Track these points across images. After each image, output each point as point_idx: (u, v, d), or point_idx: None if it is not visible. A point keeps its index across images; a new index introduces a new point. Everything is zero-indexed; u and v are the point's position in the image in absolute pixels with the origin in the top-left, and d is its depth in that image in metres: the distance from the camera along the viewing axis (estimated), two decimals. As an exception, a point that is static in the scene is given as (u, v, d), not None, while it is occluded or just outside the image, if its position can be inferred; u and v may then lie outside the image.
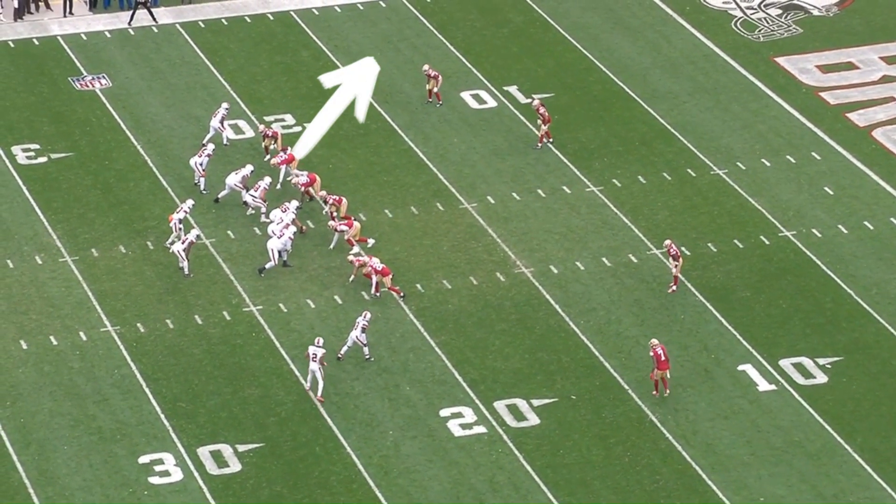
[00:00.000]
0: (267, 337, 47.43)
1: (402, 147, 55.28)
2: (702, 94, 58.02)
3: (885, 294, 49.02)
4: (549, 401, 45.37)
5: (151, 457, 43.47)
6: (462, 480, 42.92)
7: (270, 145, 53.83)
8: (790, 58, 59.91)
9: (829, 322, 48.03)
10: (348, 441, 44.03)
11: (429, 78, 56.80)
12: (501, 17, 62.43)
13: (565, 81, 58.62)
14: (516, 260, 50.35)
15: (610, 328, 47.73)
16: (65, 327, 47.64)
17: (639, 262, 50.24)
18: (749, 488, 42.71)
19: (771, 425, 44.59)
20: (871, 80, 58.68)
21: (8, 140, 55.52)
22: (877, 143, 55.55)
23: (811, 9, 62.66)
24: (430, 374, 46.20)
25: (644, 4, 62.94)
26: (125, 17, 61.84)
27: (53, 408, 44.97)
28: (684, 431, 44.35)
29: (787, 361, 46.62)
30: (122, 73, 59.05)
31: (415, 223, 51.75)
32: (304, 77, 59.08)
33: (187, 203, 50.14)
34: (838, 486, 42.82)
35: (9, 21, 61.65)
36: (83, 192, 52.94)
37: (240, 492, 42.50)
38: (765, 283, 49.46)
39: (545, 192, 53.22)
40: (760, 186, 53.43)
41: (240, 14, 62.53)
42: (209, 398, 45.38)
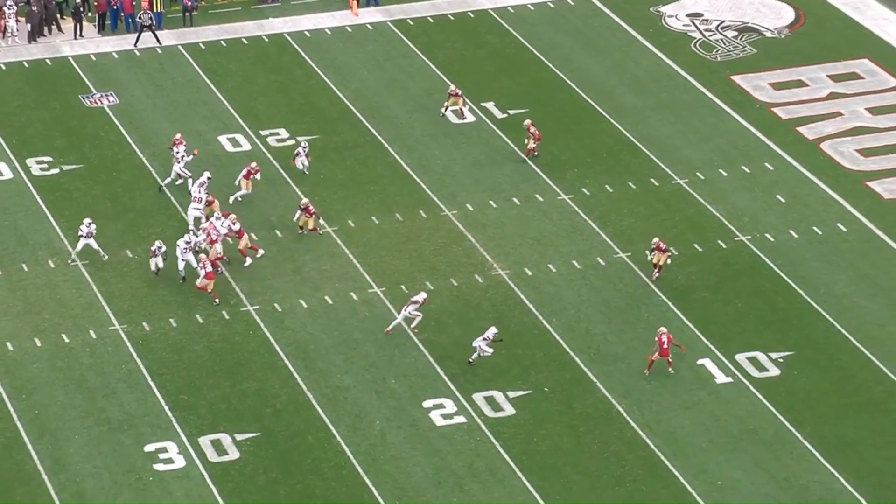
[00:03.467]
0: (263, 334, 47.42)
1: (388, 159, 55.30)
2: (664, 110, 58.11)
3: (832, 294, 49.13)
4: (523, 393, 45.41)
5: (156, 445, 43.45)
6: (443, 466, 42.96)
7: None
8: (745, 76, 60.01)
9: (781, 319, 48.14)
10: (338, 430, 44.04)
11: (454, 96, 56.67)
12: (479, 39, 62.49)
13: (538, 98, 58.68)
14: (493, 263, 50.38)
15: (579, 326, 47.78)
16: (76, 326, 47.60)
17: (606, 265, 50.29)
18: (708, 473, 42.79)
19: (728, 415, 44.67)
20: (820, 96, 58.79)
21: (23, 153, 55.46)
22: (825, 155, 55.66)
23: (764, 31, 62.79)
24: (414, 368, 46.22)
25: (611, 27, 63.03)
26: (131, 39, 61.82)
27: (65, 400, 44.94)
28: (648, 421, 44.41)
29: (742, 356, 46.71)
30: (128, 91, 59.02)
31: (400, 229, 51.77)
32: (296, 94, 59.10)
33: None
34: (789, 470, 42.92)
35: (23, 43, 61.61)
36: (92, 201, 52.90)
37: (238, 478, 42.50)
38: (722, 283, 49.55)
39: (520, 200, 53.26)
40: (718, 195, 53.52)
41: (237, 36, 62.53)
42: (209, 391, 45.37)
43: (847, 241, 51.50)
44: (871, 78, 59.77)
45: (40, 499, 41.80)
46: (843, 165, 55.10)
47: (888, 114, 57.67)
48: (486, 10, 63.88)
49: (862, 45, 61.66)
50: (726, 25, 63.13)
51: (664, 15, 63.75)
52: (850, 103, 58.25)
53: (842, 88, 59.10)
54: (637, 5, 64.12)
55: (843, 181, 54.22)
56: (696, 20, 63.45)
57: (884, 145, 56.04)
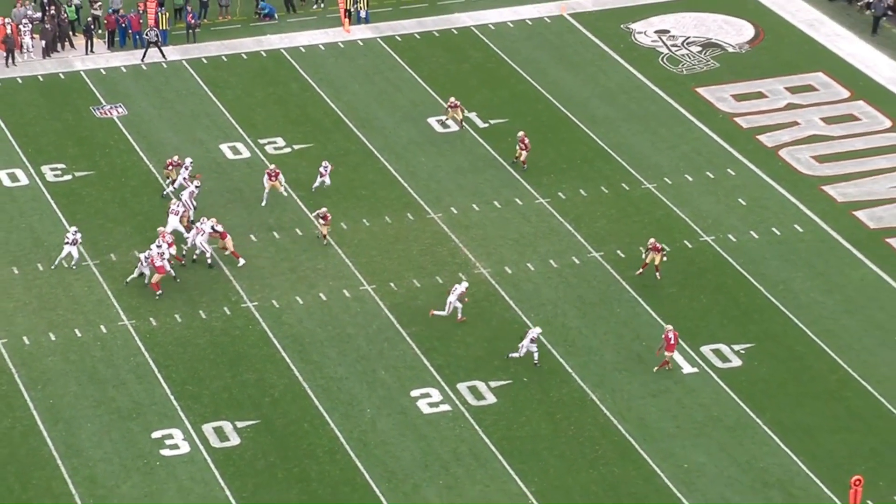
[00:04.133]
0: (262, 329, 47.38)
1: (377, 166, 55.28)
2: (634, 120, 58.16)
3: (789, 290, 49.21)
4: (504, 382, 45.42)
5: (163, 432, 43.41)
6: (430, 451, 42.95)
7: (173, 174, 52.84)
8: (709, 88, 60.08)
9: (743, 314, 48.20)
10: (332, 418, 44.02)
11: (454, 108, 56.61)
12: (462, 53, 62.50)
13: (518, 109, 58.70)
14: (476, 262, 50.39)
15: (556, 320, 47.80)
16: (87, 321, 47.54)
17: (581, 264, 50.32)
18: (675, 456, 42.83)
19: (693, 403, 44.71)
20: (778, 107, 58.87)
21: (38, 161, 55.38)
22: (783, 161, 55.75)
23: (726, 46, 62.88)
24: (402, 360, 46.21)
25: (584, 43, 63.07)
26: (139, 55, 61.75)
27: (78, 391, 44.89)
28: (620, 408, 44.45)
29: (707, 348, 46.75)
30: (136, 103, 58.95)
31: (388, 231, 51.76)
32: (293, 105, 59.07)
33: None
34: (750, 453, 42.97)
35: (38, 58, 61.53)
36: (103, 206, 52.83)
37: (239, 462, 42.48)
38: (688, 281, 49.60)
39: (500, 203, 53.27)
40: (684, 198, 53.57)
41: (237, 51, 62.49)
42: (212, 381, 45.33)
43: (803, 241, 51.58)
44: (826, 90, 59.87)
45: (55, 482, 41.77)
46: (799, 171, 55.18)
47: (841, 123, 57.77)
48: (468, 27, 63.90)
49: (817, 60, 61.75)
50: (691, 41, 63.21)
51: (634, 31, 63.80)
52: (805, 113, 58.34)
53: (798, 100, 59.19)
54: (608, 22, 64.17)
55: (800, 186, 54.30)
56: (663, 36, 63.52)
57: (837, 152, 56.13)
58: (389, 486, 41.78)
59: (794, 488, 41.92)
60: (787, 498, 41.64)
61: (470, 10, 64.94)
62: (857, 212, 52.91)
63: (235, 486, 41.75)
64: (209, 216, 50.56)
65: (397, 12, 64.82)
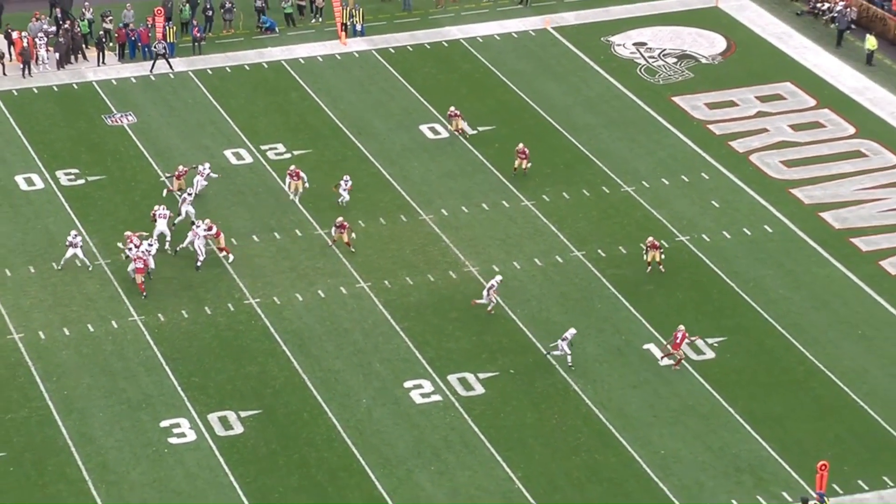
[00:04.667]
0: (263, 324, 47.38)
1: (372, 170, 55.28)
2: (614, 127, 58.20)
3: (760, 287, 49.28)
4: (492, 374, 45.45)
5: (170, 421, 43.41)
6: (422, 439, 42.97)
7: (182, 184, 52.53)
8: (684, 97, 60.14)
9: (716, 309, 48.25)
10: (330, 408, 44.03)
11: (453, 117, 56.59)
12: (452, 64, 62.52)
13: (504, 117, 58.73)
14: (465, 261, 50.41)
15: (541, 316, 47.83)
16: (100, 317, 47.53)
17: (564, 263, 50.35)
18: (652, 444, 42.89)
19: (669, 393, 44.76)
20: (748, 115, 58.95)
21: (53, 166, 55.35)
22: (753, 166, 55.81)
23: (700, 58, 62.94)
24: (396, 353, 46.23)
25: (567, 54, 63.11)
26: (147, 66, 61.72)
27: (91, 382, 44.89)
28: (601, 398, 44.49)
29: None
30: (145, 112, 58.92)
31: (383, 231, 51.78)
32: (293, 113, 59.07)
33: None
34: (723, 440, 43.03)
35: (53, 70, 61.50)
36: (114, 208, 52.80)
37: (242, 449, 42.49)
38: (665, 278, 49.64)
39: (488, 206, 53.29)
40: (661, 201, 53.62)
41: (240, 63, 62.47)
42: (217, 374, 45.33)
43: (773, 241, 51.65)
44: (793, 99, 59.94)
45: (69, 468, 41.76)
46: (769, 175, 55.25)
47: (808, 130, 57.85)
48: (458, 40, 63.93)
49: (785, 70, 61.83)
50: (667, 53, 63.27)
51: (613, 44, 63.85)
52: (774, 121, 58.41)
53: (768, 108, 59.26)
54: (589, 35, 64.21)
55: (769, 189, 54.37)
56: (641, 48, 63.58)
57: (804, 157, 56.20)
58: (384, 472, 41.81)
59: (765, 473, 41.99)
60: (758, 482, 41.70)
61: (459, 23, 64.97)
62: (823, 213, 52.99)
63: (239, 472, 41.76)
64: (206, 218, 50.52)
65: (391, 26, 64.83)
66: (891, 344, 46.70)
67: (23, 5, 65.20)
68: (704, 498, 41.17)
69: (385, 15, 65.54)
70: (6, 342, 46.41)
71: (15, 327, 47.02)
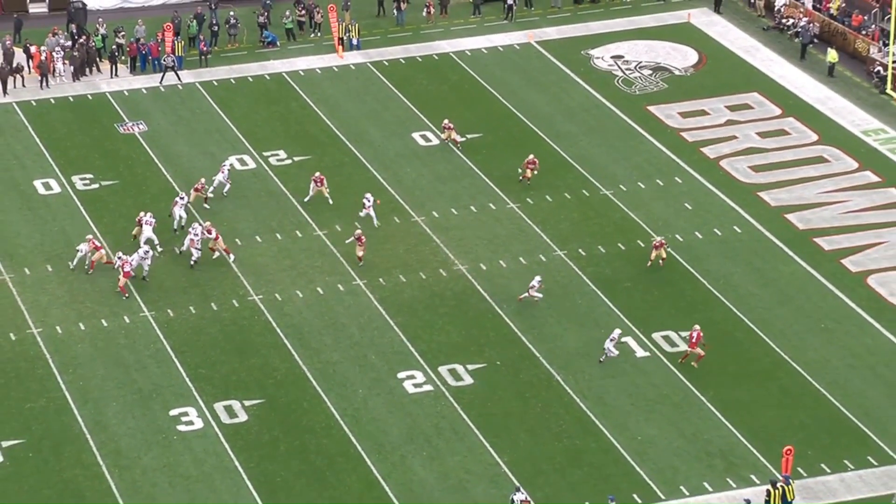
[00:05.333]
0: (266, 319, 47.28)
1: (367, 175, 55.17)
2: (593, 134, 58.15)
3: (729, 284, 49.24)
4: (480, 366, 45.37)
5: (179, 410, 43.32)
6: (415, 426, 42.90)
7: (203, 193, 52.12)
8: (658, 106, 60.09)
9: (689, 305, 48.21)
10: (328, 398, 43.95)
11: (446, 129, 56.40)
12: (442, 76, 62.44)
13: (491, 125, 58.65)
14: (454, 260, 50.33)
15: (525, 311, 47.74)
16: (113, 313, 47.40)
17: (547, 261, 50.29)
18: (629, 430, 42.85)
19: (645, 383, 44.72)
20: (719, 123, 58.92)
21: (69, 171, 55.22)
22: (723, 171, 55.78)
23: (674, 70, 62.91)
24: (390, 346, 46.14)
25: (549, 67, 63.05)
26: (157, 78, 61.58)
27: (105, 374, 44.78)
28: (581, 388, 44.44)
29: (657, 334, 46.75)
30: (155, 120, 58.79)
31: (378, 232, 51.66)
32: (293, 122, 58.97)
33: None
34: (695, 427, 42.99)
35: (69, 82, 61.37)
36: (126, 211, 52.63)
37: (246, 436, 42.40)
38: (641, 276, 49.60)
39: (476, 208, 53.22)
40: (637, 203, 53.57)
41: (244, 75, 62.35)
42: (223, 365, 45.23)
43: (741, 240, 51.62)
44: (760, 108, 59.92)
45: (84, 454, 41.67)
46: (738, 179, 55.22)
47: (774, 137, 57.83)
48: (447, 53, 63.85)
49: (753, 82, 61.80)
50: (643, 65, 63.23)
51: (592, 57, 63.81)
52: (743, 129, 58.38)
53: (736, 116, 59.24)
54: (570, 49, 64.17)
55: (738, 192, 54.33)
56: (618, 61, 63.53)
57: (770, 163, 56.18)
58: (379, 458, 41.73)
59: (734, 457, 41.96)
60: (728, 466, 41.67)
61: (449, 38, 64.90)
62: (788, 215, 52.97)
63: (243, 457, 41.67)
64: (210, 220, 50.41)
65: (385, 40, 64.73)
66: (851, 336, 46.70)
67: (41, 21, 65.04)
68: (678, 481, 41.12)
69: (379, 30, 65.47)
70: (25, 336, 46.27)
71: (34, 322, 46.88)
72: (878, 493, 40.74)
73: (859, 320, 47.37)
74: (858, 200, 53.61)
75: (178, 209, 51.04)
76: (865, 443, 42.41)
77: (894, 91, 60.45)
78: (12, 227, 51.72)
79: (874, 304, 48.03)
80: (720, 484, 41.07)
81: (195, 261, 49.14)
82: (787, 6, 65.89)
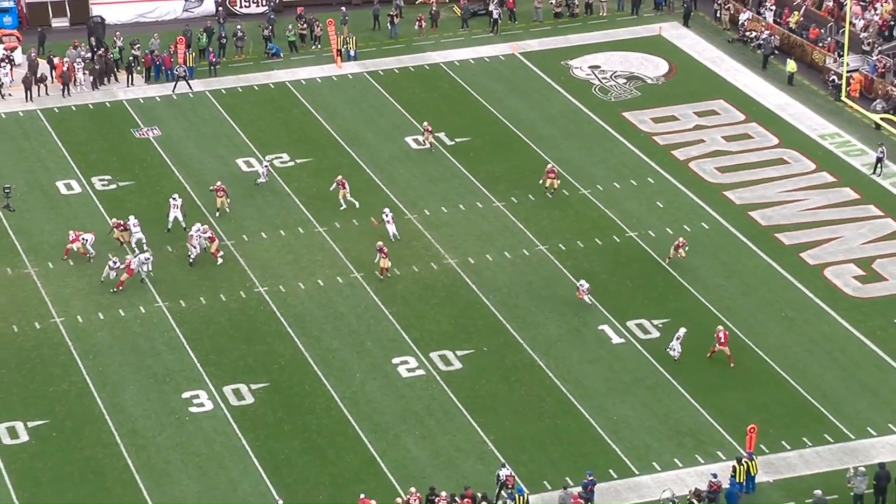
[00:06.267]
0: (271, 309, 47.17)
1: (364, 176, 55.03)
2: (573, 138, 58.05)
3: (698, 276, 49.18)
4: (468, 352, 45.31)
5: (191, 393, 43.24)
6: (408, 408, 42.84)
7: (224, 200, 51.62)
8: (632, 112, 60.01)
9: (661, 295, 48.15)
10: (328, 381, 43.86)
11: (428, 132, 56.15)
12: (433, 84, 62.31)
13: (478, 130, 58.54)
14: (445, 254, 50.24)
15: (510, 301, 47.68)
16: (129, 304, 47.26)
17: (530, 255, 50.21)
18: (606, 411, 42.81)
19: (621, 367, 44.69)
20: (688, 127, 58.85)
21: (89, 173, 55.05)
22: (692, 172, 55.72)
23: (646, 79, 62.83)
24: (385, 334, 46.05)
25: (532, 76, 62.94)
26: (170, 87, 61.39)
27: (122, 360, 44.66)
28: (562, 372, 44.39)
29: (632, 322, 46.69)
30: (168, 126, 58.60)
31: (374, 229, 51.54)
32: (295, 127, 58.81)
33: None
34: (668, 408, 42.98)
35: (89, 90, 61.18)
36: (141, 210, 52.39)
37: (253, 417, 42.33)
38: (617, 268, 49.55)
39: (465, 206, 53.12)
40: (613, 202, 53.50)
41: (250, 83, 62.17)
42: (231, 352, 45.12)
43: (709, 236, 51.57)
44: (726, 114, 59.86)
45: (103, 434, 41.60)
46: (705, 179, 55.17)
47: (738, 141, 57.77)
48: (438, 63, 63.71)
49: (719, 90, 61.72)
50: (618, 75, 63.15)
51: (572, 67, 63.71)
52: (710, 133, 58.32)
53: (704, 122, 59.18)
54: (551, 60, 64.05)
55: (706, 191, 54.27)
56: (595, 71, 63.45)
57: (735, 164, 56.12)
58: (375, 436, 41.67)
59: (702, 435, 41.94)
60: (697, 443, 41.65)
61: (439, 49, 64.76)
62: (751, 212, 52.93)
63: (250, 436, 41.58)
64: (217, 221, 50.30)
65: (380, 51, 64.61)
66: (809, 324, 46.69)
67: (63, 34, 64.86)
68: (651, 457, 41.10)
69: (375, 42, 65.33)
70: (49, 325, 46.12)
71: (56, 312, 46.74)
72: (833, 468, 40.76)
73: (817, 309, 47.36)
74: (816, 199, 53.59)
75: (174, 211, 50.66)
76: (822, 422, 42.41)
77: (848, 98, 60.45)
78: (37, 224, 51.54)
79: (830, 295, 48.03)
80: (689, 460, 41.06)
81: (193, 258, 48.85)
82: (750, 20, 65.86)
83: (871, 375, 44.26)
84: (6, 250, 50.02)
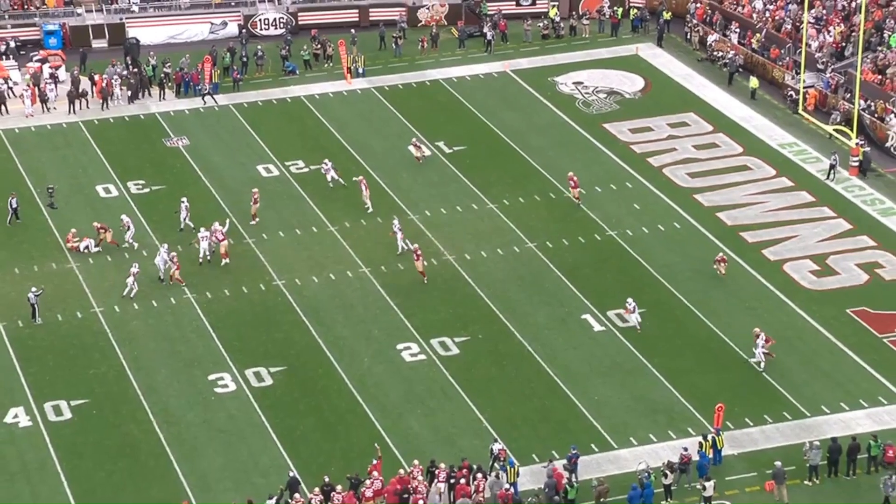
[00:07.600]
0: (287, 300, 47.03)
1: (371, 181, 54.75)
2: (559, 147, 57.88)
3: (670, 270, 49.03)
4: (465, 339, 45.17)
5: (216, 375, 43.15)
6: (411, 390, 42.73)
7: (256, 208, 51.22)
8: (612, 124, 59.83)
9: (638, 288, 47.94)
10: (340, 366, 43.75)
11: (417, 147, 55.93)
12: (432, 97, 62.14)
13: (474, 139, 58.36)
14: (444, 251, 50.09)
15: (503, 294, 47.53)
16: (162, 295, 47.13)
17: (520, 252, 50.06)
18: (588, 392, 42.71)
19: (602, 353, 44.56)
20: (661, 137, 58.67)
21: (125, 178, 54.92)
22: (665, 177, 55.54)
23: (624, 94, 62.66)
24: (391, 322, 45.91)
25: (522, 91, 62.76)
26: (198, 101, 61.20)
27: (155, 346, 44.54)
28: (549, 357, 44.27)
29: (612, 312, 46.52)
30: (196, 136, 58.44)
31: (380, 228, 51.37)
32: (309, 137, 58.65)
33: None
34: (644, 389, 42.88)
35: (125, 104, 61.05)
36: (171, 211, 52.26)
37: (272, 397, 42.25)
38: (598, 263, 49.39)
39: (461, 208, 52.96)
40: (595, 203, 53.32)
41: (269, 98, 62.00)
42: (251, 338, 45.01)
43: (681, 234, 51.42)
44: (696, 125, 59.70)
45: (138, 412, 41.56)
46: (677, 184, 55.01)
47: (707, 149, 57.60)
48: (437, 80, 63.55)
49: (690, 104, 61.54)
50: (599, 90, 63.00)
51: (557, 83, 63.55)
52: (681, 142, 58.15)
53: (676, 132, 59.02)
54: (539, 77, 63.88)
55: (678, 194, 54.11)
56: (578, 86, 63.30)
57: (704, 170, 55.94)
58: (382, 415, 41.56)
59: (675, 413, 41.83)
60: (670, 420, 41.55)
61: (438, 67, 64.62)
62: (719, 213, 52.77)
63: (269, 414, 41.50)
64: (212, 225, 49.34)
65: (386, 69, 64.46)
66: (770, 314, 46.56)
67: (102, 54, 64.73)
68: (628, 433, 40.99)
69: (381, 60, 65.18)
70: (90, 315, 46.00)
71: (96, 303, 46.63)
72: (791, 443, 40.67)
73: (777, 301, 47.23)
74: (776, 202, 53.46)
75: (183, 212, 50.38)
76: (781, 401, 42.31)
77: (805, 112, 60.35)
78: (78, 224, 51.36)
79: (789, 287, 47.91)
80: (663, 436, 40.95)
81: (202, 258, 48.50)
82: (717, 41, 65.75)
83: (825, 360, 44.16)
84: (52, 247, 49.90)
